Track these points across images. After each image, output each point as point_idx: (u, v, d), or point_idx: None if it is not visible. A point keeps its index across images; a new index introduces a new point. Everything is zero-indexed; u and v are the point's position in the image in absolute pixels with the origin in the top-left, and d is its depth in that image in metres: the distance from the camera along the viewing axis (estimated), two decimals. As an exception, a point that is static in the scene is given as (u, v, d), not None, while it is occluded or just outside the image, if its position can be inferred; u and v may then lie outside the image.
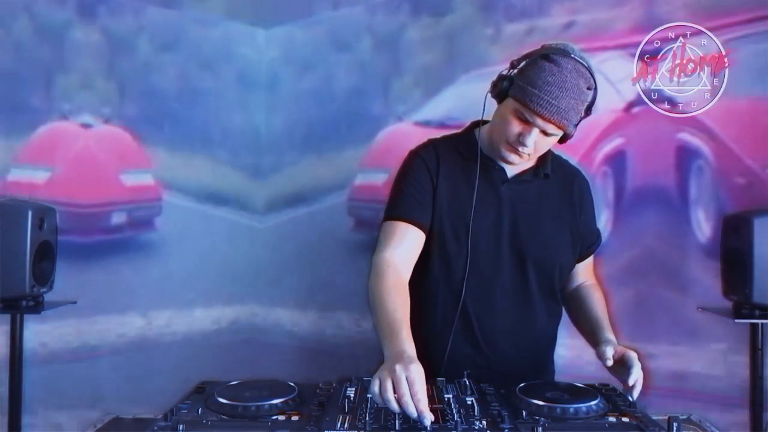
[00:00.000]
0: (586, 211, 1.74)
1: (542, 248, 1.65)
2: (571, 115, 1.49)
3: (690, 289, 2.37)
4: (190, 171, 2.48)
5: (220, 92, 2.49)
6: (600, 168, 2.43)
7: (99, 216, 2.46)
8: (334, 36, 2.50)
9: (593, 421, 1.28)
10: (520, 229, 1.63)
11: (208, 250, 2.49)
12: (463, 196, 1.62)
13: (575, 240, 1.70)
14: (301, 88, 2.49)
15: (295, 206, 2.50)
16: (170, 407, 1.30)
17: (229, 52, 2.49)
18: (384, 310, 1.46)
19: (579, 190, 1.73)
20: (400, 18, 2.46)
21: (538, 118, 1.48)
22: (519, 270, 1.64)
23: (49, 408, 2.43)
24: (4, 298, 2.08)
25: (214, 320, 2.50)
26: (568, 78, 1.47)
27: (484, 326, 1.65)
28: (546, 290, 1.69)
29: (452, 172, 1.64)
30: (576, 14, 2.41)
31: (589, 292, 1.77)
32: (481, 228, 1.61)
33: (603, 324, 1.66)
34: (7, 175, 2.41)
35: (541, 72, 1.48)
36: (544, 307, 1.70)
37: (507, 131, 1.54)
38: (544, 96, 1.46)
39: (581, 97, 1.50)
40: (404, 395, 1.20)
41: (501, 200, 1.64)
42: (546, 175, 1.67)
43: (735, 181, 2.37)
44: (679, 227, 2.40)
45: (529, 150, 1.54)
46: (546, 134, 1.52)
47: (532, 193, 1.66)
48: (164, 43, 2.47)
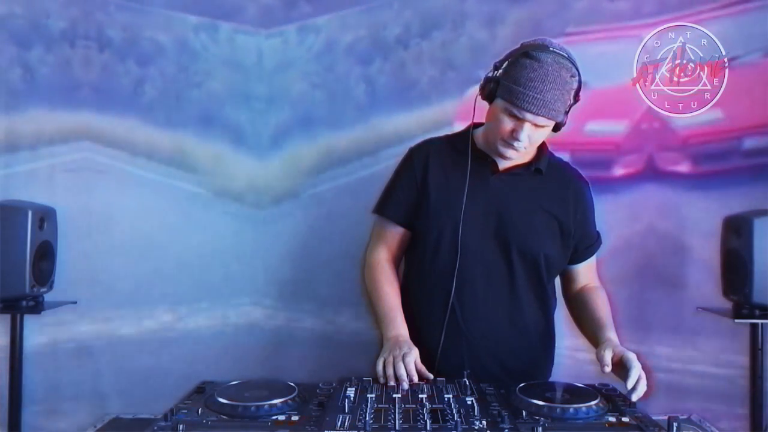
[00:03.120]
0: (582, 212, 1.77)
1: (526, 236, 1.69)
2: (557, 105, 1.57)
3: (690, 289, 2.37)
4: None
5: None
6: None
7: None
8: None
9: (593, 421, 1.29)
10: (506, 218, 1.69)
11: (208, 250, 2.49)
12: (453, 188, 1.70)
13: (565, 235, 1.73)
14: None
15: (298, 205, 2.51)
16: (170, 407, 1.30)
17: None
18: (380, 300, 1.73)
19: (576, 191, 1.77)
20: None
21: (527, 114, 1.56)
22: (504, 259, 1.69)
23: (49, 408, 2.43)
24: (4, 298, 2.08)
25: (214, 320, 2.49)
26: (550, 71, 1.55)
27: (466, 314, 1.69)
28: (533, 282, 1.72)
29: (444, 167, 1.74)
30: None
31: (592, 294, 1.79)
32: (469, 218, 1.67)
33: (603, 324, 1.68)
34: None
35: (523, 70, 1.56)
36: (532, 300, 1.73)
37: (500, 130, 1.62)
38: (529, 92, 1.54)
39: (565, 86, 1.57)
40: (401, 373, 1.50)
41: (490, 191, 1.70)
42: (538, 170, 1.72)
43: (735, 180, 2.37)
44: (679, 227, 2.40)
45: (524, 144, 1.61)
46: (537, 126, 1.60)
47: (523, 185, 1.72)
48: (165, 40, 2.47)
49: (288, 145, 2.48)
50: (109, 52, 2.44)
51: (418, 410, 1.31)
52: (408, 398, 1.39)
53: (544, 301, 1.76)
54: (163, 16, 2.44)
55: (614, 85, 2.40)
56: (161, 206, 2.47)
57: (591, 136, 2.39)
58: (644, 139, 2.40)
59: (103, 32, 2.44)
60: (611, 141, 2.41)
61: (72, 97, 2.43)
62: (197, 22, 2.44)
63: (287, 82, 2.46)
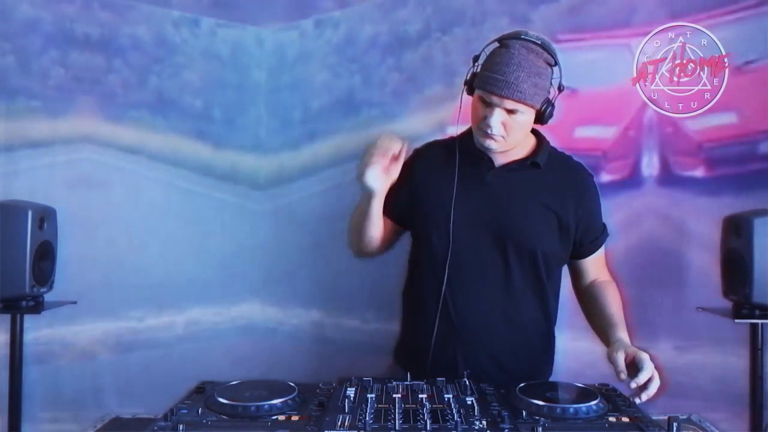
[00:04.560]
0: (587, 206, 1.75)
1: (522, 233, 1.68)
2: (523, 87, 1.56)
3: (690, 289, 2.37)
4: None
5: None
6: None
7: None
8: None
9: (593, 421, 1.29)
10: (502, 214, 1.68)
11: (208, 249, 2.49)
12: (446, 187, 1.70)
13: (563, 230, 1.71)
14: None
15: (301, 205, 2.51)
16: (170, 407, 1.30)
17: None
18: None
19: (579, 184, 1.75)
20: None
21: (494, 97, 1.57)
22: (500, 256, 1.68)
23: (49, 408, 2.43)
24: (4, 298, 2.08)
25: (214, 320, 2.50)
26: (516, 55, 1.57)
27: (459, 308, 1.68)
28: (530, 279, 1.70)
29: (442, 168, 1.73)
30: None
31: (602, 288, 1.77)
32: (462, 214, 1.67)
33: (614, 321, 1.66)
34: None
35: (492, 57, 1.61)
36: (529, 297, 1.71)
37: (475, 118, 1.64)
38: (494, 75, 1.56)
39: (534, 70, 1.57)
40: (385, 146, 1.59)
41: (486, 188, 1.70)
42: (535, 164, 1.71)
43: (735, 179, 2.37)
44: (679, 227, 2.40)
45: (497, 130, 1.60)
46: (510, 113, 1.59)
47: (520, 181, 1.71)
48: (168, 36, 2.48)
49: (293, 143, 2.48)
50: (109, 52, 2.45)
51: (418, 410, 1.31)
52: (408, 398, 1.39)
53: (543, 299, 1.73)
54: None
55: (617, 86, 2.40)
56: (161, 206, 2.48)
57: (591, 137, 2.40)
58: (647, 140, 2.40)
59: (104, 32, 2.44)
60: (608, 142, 2.41)
61: (72, 96, 2.44)
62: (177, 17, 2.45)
63: (302, 76, 2.46)
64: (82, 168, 2.45)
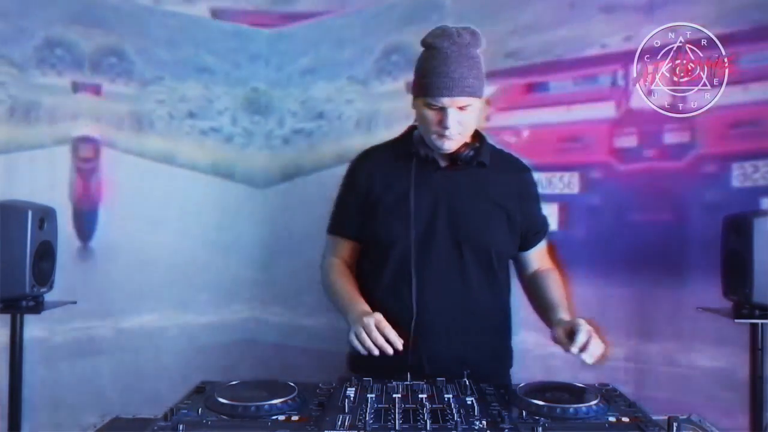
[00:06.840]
0: (527, 200, 1.80)
1: (477, 233, 1.71)
2: (470, 82, 1.60)
3: (690, 289, 2.37)
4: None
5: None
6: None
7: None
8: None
9: (593, 421, 1.29)
10: (455, 215, 1.70)
11: (209, 249, 2.49)
12: (398, 190, 1.71)
13: (512, 224, 1.75)
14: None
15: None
16: (170, 407, 1.30)
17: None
18: (338, 290, 1.75)
19: (521, 179, 1.81)
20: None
21: (444, 99, 1.60)
22: (456, 254, 1.70)
23: (49, 408, 2.43)
24: (4, 298, 2.08)
25: (214, 320, 2.50)
26: (449, 53, 1.59)
27: (421, 309, 1.67)
28: (484, 270, 1.73)
29: (386, 174, 1.75)
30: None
31: (544, 276, 1.82)
32: (418, 217, 1.69)
33: (555, 304, 1.71)
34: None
35: (424, 63, 1.63)
36: (484, 287, 1.74)
37: (429, 124, 1.65)
38: (435, 81, 1.59)
39: (471, 62, 1.61)
40: (378, 338, 1.52)
41: (435, 188, 1.71)
42: (481, 163, 1.73)
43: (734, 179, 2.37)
44: (679, 227, 2.40)
45: (455, 130, 1.63)
46: (462, 109, 1.62)
47: (467, 180, 1.73)
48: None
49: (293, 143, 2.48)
50: (109, 52, 2.44)
51: (418, 410, 1.31)
52: (408, 398, 1.39)
53: (495, 288, 1.77)
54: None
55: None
56: (161, 206, 2.48)
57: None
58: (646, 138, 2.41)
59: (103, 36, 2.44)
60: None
61: (72, 96, 2.44)
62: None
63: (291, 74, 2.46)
64: (83, 168, 2.44)
